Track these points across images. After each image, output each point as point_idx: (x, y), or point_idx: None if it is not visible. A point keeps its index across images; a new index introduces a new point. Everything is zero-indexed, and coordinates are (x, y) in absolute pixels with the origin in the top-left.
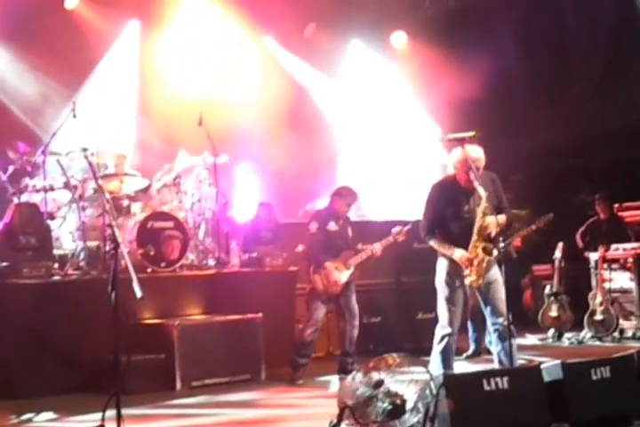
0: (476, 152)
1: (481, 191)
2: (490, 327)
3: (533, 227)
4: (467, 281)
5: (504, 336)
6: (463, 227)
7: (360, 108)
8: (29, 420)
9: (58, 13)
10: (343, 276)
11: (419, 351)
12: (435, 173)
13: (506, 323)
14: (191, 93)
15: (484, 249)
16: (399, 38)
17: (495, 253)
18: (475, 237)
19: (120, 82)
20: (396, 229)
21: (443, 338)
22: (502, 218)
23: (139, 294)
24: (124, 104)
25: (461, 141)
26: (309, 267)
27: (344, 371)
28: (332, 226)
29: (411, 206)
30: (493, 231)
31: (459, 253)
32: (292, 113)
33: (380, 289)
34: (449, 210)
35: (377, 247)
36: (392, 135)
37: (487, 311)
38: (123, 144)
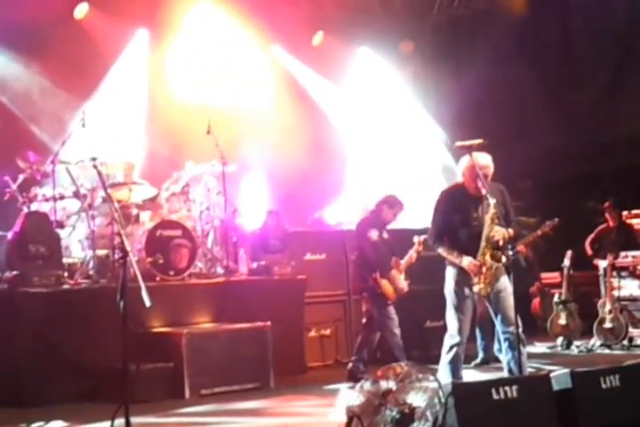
0: (484, 160)
1: (489, 198)
2: (500, 336)
3: (539, 232)
4: (475, 289)
5: (515, 345)
6: (471, 234)
7: (368, 116)
8: None
9: (67, 23)
10: (403, 281)
11: (427, 359)
12: (440, 180)
13: (516, 331)
14: (199, 102)
15: (493, 256)
16: (407, 45)
17: (504, 259)
18: (483, 243)
19: (129, 91)
20: (416, 239)
21: (452, 348)
22: (512, 232)
23: (147, 302)
24: (133, 113)
25: (469, 149)
26: (369, 273)
27: (353, 379)
28: (385, 234)
29: (418, 213)
30: (501, 241)
31: (467, 261)
32: (299, 121)
33: None
34: (457, 217)
35: (413, 254)
36: (400, 143)
37: (498, 320)
38: (131, 153)
